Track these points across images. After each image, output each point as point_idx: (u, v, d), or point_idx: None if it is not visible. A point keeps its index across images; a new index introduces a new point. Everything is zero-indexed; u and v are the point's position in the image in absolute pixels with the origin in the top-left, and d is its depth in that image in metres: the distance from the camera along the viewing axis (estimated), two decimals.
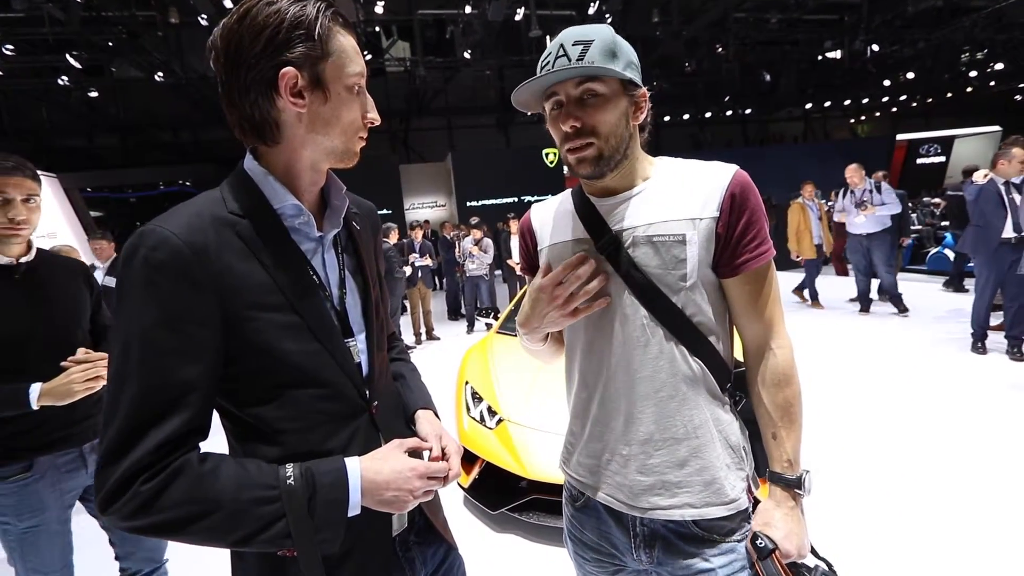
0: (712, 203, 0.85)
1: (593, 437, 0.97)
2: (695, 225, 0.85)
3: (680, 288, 0.86)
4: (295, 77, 0.70)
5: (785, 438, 0.87)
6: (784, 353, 0.89)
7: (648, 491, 0.89)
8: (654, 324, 0.87)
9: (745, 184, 0.86)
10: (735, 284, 0.88)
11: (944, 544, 2.12)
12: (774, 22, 12.07)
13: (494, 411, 2.66)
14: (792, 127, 21.53)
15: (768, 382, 0.89)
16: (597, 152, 0.85)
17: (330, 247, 0.84)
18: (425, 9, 11.20)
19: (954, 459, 2.74)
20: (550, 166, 15.22)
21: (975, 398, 3.51)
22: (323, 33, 0.71)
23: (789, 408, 0.88)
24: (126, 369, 0.64)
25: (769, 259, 0.88)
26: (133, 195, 14.42)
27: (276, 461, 0.72)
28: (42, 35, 9.20)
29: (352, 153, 0.80)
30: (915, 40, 13.29)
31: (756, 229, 0.86)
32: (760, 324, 0.89)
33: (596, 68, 0.81)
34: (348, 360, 0.79)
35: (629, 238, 0.88)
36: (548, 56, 0.86)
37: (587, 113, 0.84)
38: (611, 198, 0.92)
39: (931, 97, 18.74)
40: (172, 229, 0.66)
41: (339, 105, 0.75)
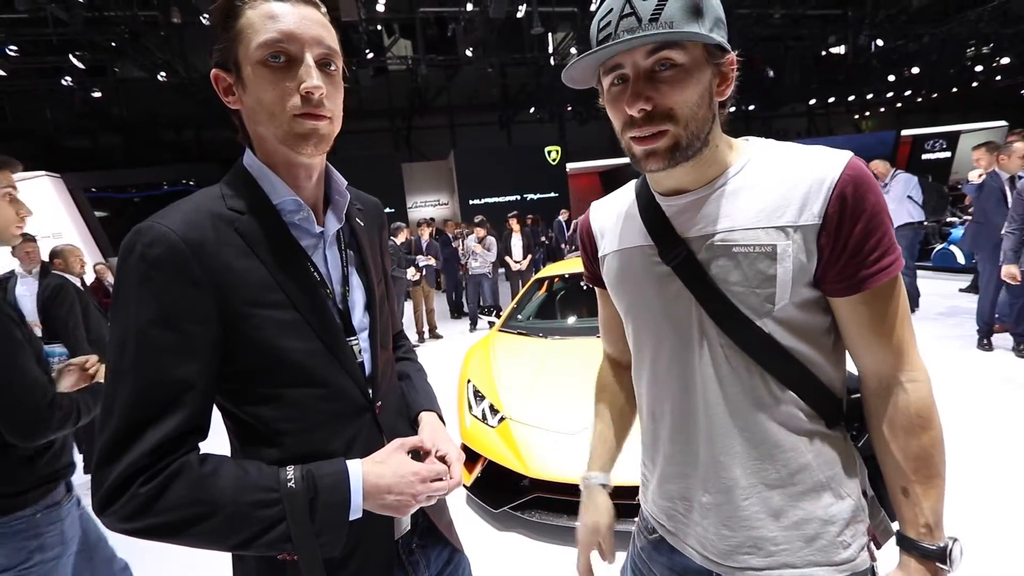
0: (813, 206, 0.66)
1: (667, 478, 0.82)
2: (788, 235, 0.67)
3: (766, 312, 0.69)
4: (223, 78, 0.71)
5: (921, 496, 0.68)
6: (920, 388, 0.69)
7: (737, 549, 0.74)
8: (734, 352, 0.71)
9: (860, 180, 0.65)
10: (850, 304, 0.69)
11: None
12: (777, 17, 11.99)
13: (496, 409, 2.66)
14: (796, 123, 21.41)
15: (898, 425, 0.70)
16: (672, 142, 0.66)
17: (332, 243, 0.82)
18: (426, 7, 11.18)
19: (960, 457, 2.73)
20: (552, 164, 15.20)
21: (981, 395, 3.49)
22: (227, 18, 0.67)
23: (927, 458, 0.68)
24: (122, 367, 0.63)
25: (896, 273, 0.67)
26: (137, 195, 14.44)
27: (277, 462, 0.72)
28: (45, 36, 9.23)
29: (296, 136, 0.69)
30: (920, 35, 13.19)
31: (877, 236, 0.66)
32: (885, 351, 0.70)
33: (677, 33, 0.62)
34: (350, 359, 0.78)
35: (701, 247, 0.71)
36: (609, 13, 0.66)
37: (660, 91, 0.65)
38: (682, 196, 0.74)
39: (936, 92, 18.58)
40: (169, 225, 0.65)
41: (255, 88, 0.68)
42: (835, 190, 0.65)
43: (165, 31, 10.00)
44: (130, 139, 15.21)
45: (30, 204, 1.48)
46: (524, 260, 7.73)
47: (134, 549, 2.25)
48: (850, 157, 0.67)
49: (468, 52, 11.24)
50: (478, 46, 11.30)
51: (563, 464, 2.24)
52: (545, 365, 2.94)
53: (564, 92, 15.03)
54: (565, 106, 16.77)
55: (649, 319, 0.80)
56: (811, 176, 0.67)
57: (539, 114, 17.39)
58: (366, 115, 15.53)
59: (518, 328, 3.70)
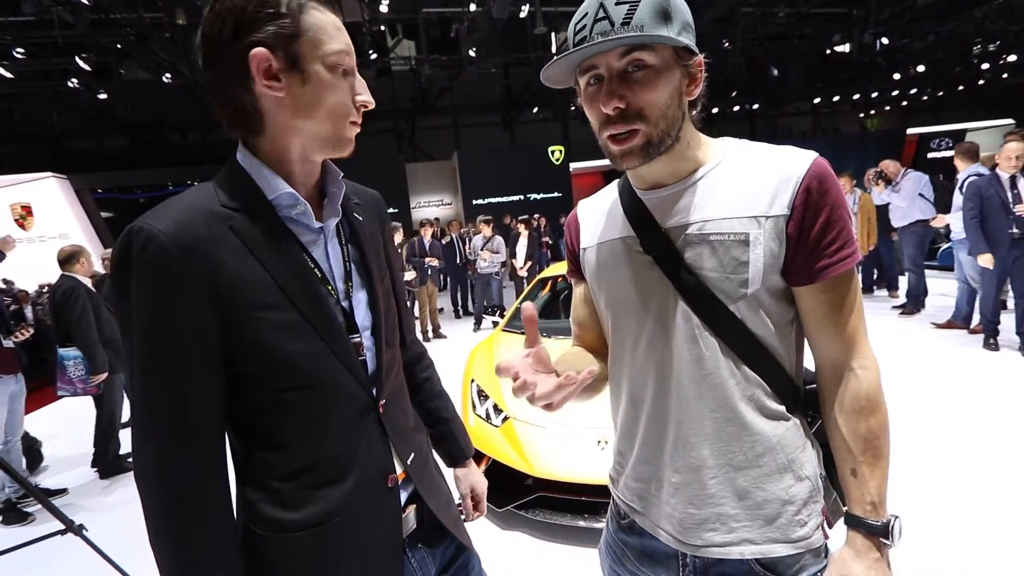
0: (782, 198, 0.71)
1: (641, 460, 0.86)
2: (760, 224, 0.71)
3: (740, 295, 0.73)
4: (267, 59, 0.65)
5: (868, 476, 0.73)
6: (868, 375, 0.74)
7: (701, 525, 0.78)
8: (709, 336, 0.75)
9: (823, 176, 0.71)
10: (810, 293, 0.74)
11: (961, 544, 2.10)
12: (781, 16, 11.94)
13: (500, 409, 2.67)
14: (800, 122, 21.31)
15: (848, 408, 0.74)
16: (644, 140, 0.71)
17: (333, 238, 0.80)
18: (430, 7, 11.19)
19: (968, 458, 2.72)
20: (556, 164, 15.19)
21: (988, 395, 3.47)
22: (294, 9, 0.66)
23: (873, 440, 0.73)
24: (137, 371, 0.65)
25: (852, 265, 0.73)
26: (142, 196, 14.54)
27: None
28: (52, 38, 9.30)
29: (343, 140, 0.74)
30: (925, 33, 13.11)
31: (837, 229, 0.71)
32: (839, 340, 0.75)
33: (646, 36, 0.66)
34: (352, 358, 0.76)
35: (680, 236, 0.76)
36: (584, 17, 0.70)
37: (633, 91, 0.69)
38: (660, 190, 0.79)
39: (942, 90, 18.48)
40: (160, 227, 0.63)
41: (320, 86, 0.69)
42: (802, 183, 0.71)
43: (170, 33, 10.05)
44: (135, 140, 15.31)
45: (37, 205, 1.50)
46: (525, 265, 7.76)
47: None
48: (816, 156, 0.73)
49: (471, 52, 11.24)
50: (481, 46, 11.31)
51: (567, 463, 2.25)
52: None
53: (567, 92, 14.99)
54: (568, 106, 16.74)
55: (630, 307, 0.83)
56: (781, 171, 0.72)
57: (542, 114, 17.39)
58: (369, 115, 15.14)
59: (522, 328, 3.70)
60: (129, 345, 0.66)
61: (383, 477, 0.80)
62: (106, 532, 2.69)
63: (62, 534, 2.07)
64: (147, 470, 0.67)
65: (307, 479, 0.73)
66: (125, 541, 2.65)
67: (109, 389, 3.58)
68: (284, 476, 0.73)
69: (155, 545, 0.67)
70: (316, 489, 0.73)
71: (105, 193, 13.87)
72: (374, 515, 0.75)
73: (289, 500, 0.73)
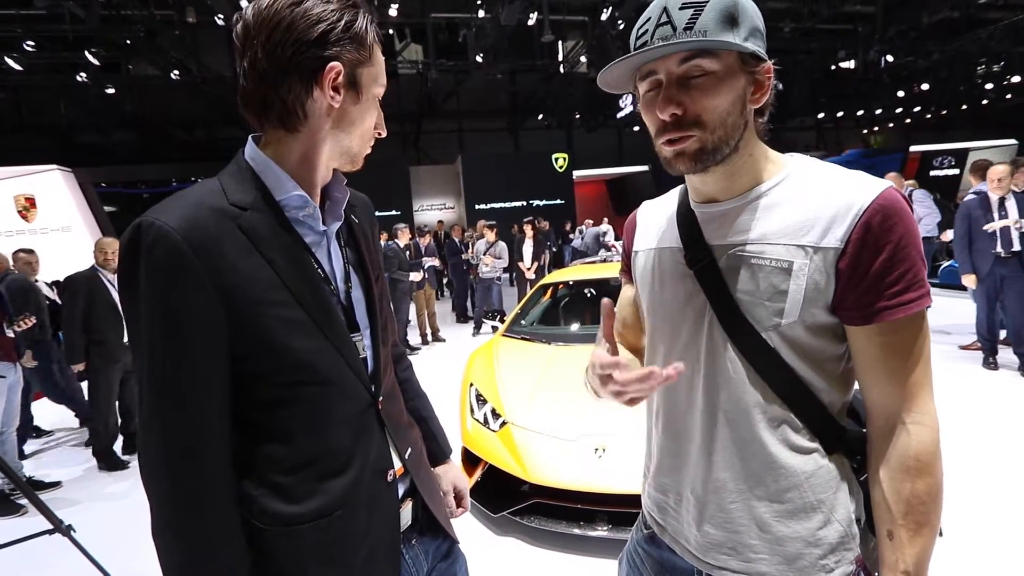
0: (838, 231, 0.66)
1: (662, 470, 0.85)
2: (807, 254, 0.67)
3: (772, 325, 0.70)
4: (339, 73, 0.72)
5: (906, 542, 0.66)
6: (924, 433, 0.67)
7: (718, 547, 0.76)
8: (738, 360, 0.72)
9: (890, 211, 0.65)
10: (863, 335, 0.68)
11: (967, 564, 2.09)
12: (787, 31, 12.03)
13: (498, 413, 2.66)
14: (804, 137, 21.40)
15: (894, 465, 0.68)
16: (699, 145, 0.68)
17: (334, 240, 0.83)
18: (438, 12, 11.27)
19: (964, 475, 2.71)
20: (559, 171, 15.24)
21: (986, 415, 3.46)
22: (371, 44, 0.76)
23: (918, 505, 0.66)
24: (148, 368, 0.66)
25: (919, 309, 0.66)
26: (146, 191, 14.59)
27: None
28: (62, 32, 9.37)
29: (360, 158, 0.83)
30: (930, 51, 13.20)
31: (901, 270, 0.65)
32: (894, 389, 0.68)
33: (710, 42, 0.64)
34: (354, 355, 0.79)
35: (724, 255, 0.73)
36: (647, 22, 0.68)
37: (692, 97, 0.67)
38: (715, 206, 0.77)
39: (945, 109, 18.57)
40: (171, 223, 0.64)
41: (365, 110, 0.78)
42: (862, 218, 0.65)
43: (179, 30, 10.13)
44: (142, 136, 15.36)
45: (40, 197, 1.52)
46: (532, 266, 7.78)
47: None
48: (887, 187, 0.67)
49: (478, 58, 11.32)
50: (488, 52, 11.38)
51: (564, 470, 2.24)
52: (548, 371, 2.94)
53: (572, 99, 15.10)
54: (573, 114, 16.84)
55: (666, 316, 0.82)
56: (841, 200, 0.67)
57: (547, 121, 17.47)
58: None
59: (522, 333, 3.70)
60: (138, 340, 0.66)
61: (383, 471, 0.81)
62: (97, 529, 2.68)
63: (50, 534, 2.06)
64: (153, 465, 0.67)
65: (310, 472, 0.74)
66: (114, 540, 2.65)
67: (95, 386, 3.59)
68: (287, 470, 0.74)
69: (158, 540, 0.67)
70: (319, 482, 0.75)
71: (110, 187, 13.91)
72: (374, 508, 0.76)
73: (292, 493, 0.74)
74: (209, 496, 0.68)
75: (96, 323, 3.50)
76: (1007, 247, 4.08)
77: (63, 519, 2.07)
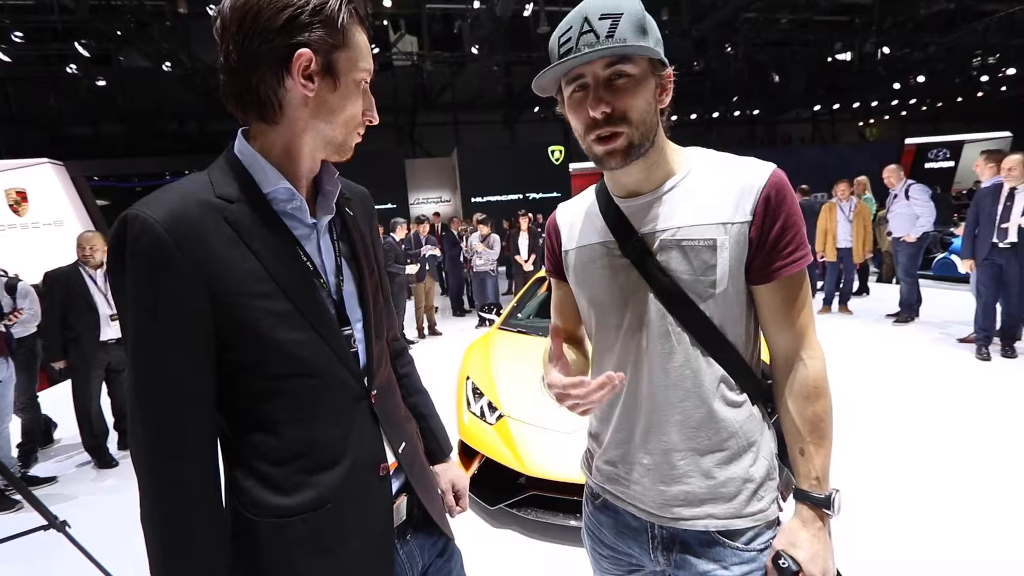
0: (745, 206, 0.80)
1: (613, 444, 0.93)
2: (727, 230, 0.80)
3: (709, 295, 0.81)
4: (309, 60, 0.69)
5: (814, 454, 0.82)
6: (815, 364, 0.83)
7: (671, 501, 0.87)
8: (680, 331, 0.83)
9: (780, 186, 0.80)
10: (767, 291, 0.83)
11: (966, 557, 2.11)
12: (784, 23, 12.00)
13: (494, 407, 2.66)
14: (800, 128, 21.42)
15: (797, 394, 0.83)
16: (627, 142, 0.78)
17: (325, 233, 0.82)
18: (433, 3, 11.17)
19: (968, 469, 2.73)
20: (555, 163, 15.19)
21: (984, 406, 3.49)
22: (343, 24, 0.72)
23: (819, 423, 0.82)
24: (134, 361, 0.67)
25: (803, 265, 0.81)
26: (139, 184, 14.46)
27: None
28: (51, 23, 9.24)
29: (348, 147, 0.79)
30: (926, 43, 13.19)
31: (792, 234, 0.80)
32: (791, 333, 0.84)
33: (631, 47, 0.73)
34: (344, 348, 0.78)
35: (656, 242, 0.83)
36: (569, 31, 0.77)
37: (617, 97, 0.76)
38: (637, 199, 0.86)
39: (941, 101, 18.60)
40: (155, 216, 0.64)
41: (345, 96, 0.74)
42: (762, 192, 0.79)
43: (171, 21, 9.99)
44: (133, 129, 15.22)
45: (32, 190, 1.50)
46: (529, 259, 7.76)
47: None
48: (774, 167, 0.81)
49: (474, 49, 11.23)
50: (484, 44, 11.30)
51: (560, 463, 2.25)
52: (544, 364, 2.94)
53: None
54: None
55: (610, 305, 0.90)
56: (743, 181, 0.81)
57: (543, 113, 17.38)
58: None
59: (518, 326, 3.70)
60: (125, 330, 0.67)
61: (375, 465, 0.81)
62: (92, 524, 2.68)
63: (44, 530, 2.05)
64: (139, 453, 0.68)
65: (299, 464, 0.75)
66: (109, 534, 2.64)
67: (74, 383, 3.55)
68: (276, 461, 0.74)
69: (144, 526, 0.68)
70: (309, 474, 0.75)
71: (102, 181, 13.77)
72: (366, 502, 0.76)
73: (282, 485, 0.74)
74: (189, 483, 0.68)
75: (72, 320, 3.44)
76: (1002, 238, 4.16)
77: (58, 515, 2.06)
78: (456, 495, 1.09)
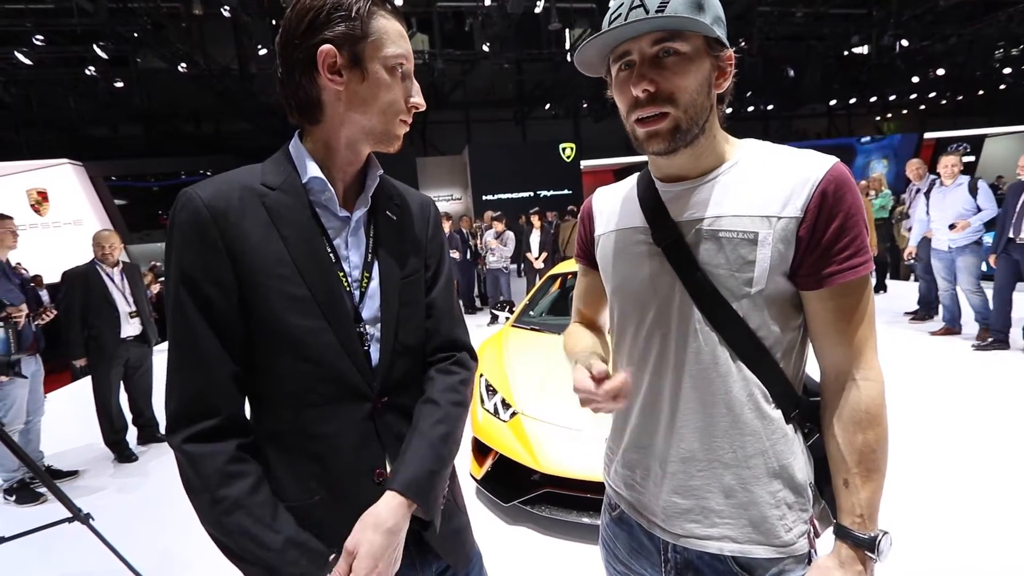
0: (797, 201, 0.71)
1: (632, 446, 0.88)
2: (771, 224, 0.72)
3: (743, 294, 0.73)
4: (333, 55, 0.73)
5: (860, 487, 0.72)
6: (871, 387, 0.73)
7: (684, 515, 0.80)
8: (708, 330, 0.76)
9: (842, 181, 0.71)
10: (817, 298, 0.74)
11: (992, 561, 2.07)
12: (799, 16, 11.80)
13: (508, 404, 2.66)
14: (816, 123, 21.08)
15: (846, 419, 0.74)
16: (673, 124, 0.71)
17: (359, 229, 0.83)
18: (444, 1, 11.17)
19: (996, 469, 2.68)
20: (567, 161, 15.14)
21: (1000, 399, 3.42)
22: (363, 13, 0.74)
23: (869, 453, 0.72)
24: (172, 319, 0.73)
25: (865, 273, 0.72)
26: (155, 184, 14.69)
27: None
28: (71, 26, 9.39)
29: (392, 136, 0.81)
30: (947, 35, 12.90)
31: (850, 236, 0.71)
32: (845, 349, 0.74)
33: (682, 20, 0.67)
34: (353, 344, 0.78)
35: (691, 231, 0.76)
36: (620, 6, 0.72)
37: (664, 76, 0.70)
38: (679, 184, 0.80)
39: (961, 94, 18.19)
40: (200, 193, 0.72)
41: (377, 85, 0.76)
42: (818, 187, 0.71)
43: (186, 23, 10.12)
44: (150, 129, 15.43)
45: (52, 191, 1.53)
46: (540, 256, 7.76)
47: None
48: (835, 161, 0.73)
49: (485, 47, 11.22)
50: (495, 41, 11.27)
51: (574, 460, 2.24)
52: (557, 361, 2.93)
53: (580, 89, 14.94)
54: (580, 103, 16.68)
55: (635, 295, 0.84)
56: (798, 174, 0.72)
57: (554, 110, 17.32)
58: None
59: (531, 324, 3.70)
60: (167, 294, 0.74)
61: (370, 470, 0.80)
62: (113, 518, 2.73)
63: (69, 522, 2.09)
64: (170, 416, 0.72)
65: (293, 449, 0.77)
66: (130, 528, 2.69)
67: (94, 381, 3.60)
68: (273, 442, 0.78)
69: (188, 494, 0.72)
70: (301, 461, 0.77)
71: (119, 180, 14.02)
72: (359, 505, 0.75)
73: (275, 466, 0.77)
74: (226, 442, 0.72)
75: (92, 318, 3.49)
76: (1016, 232, 4.21)
77: (82, 507, 2.11)
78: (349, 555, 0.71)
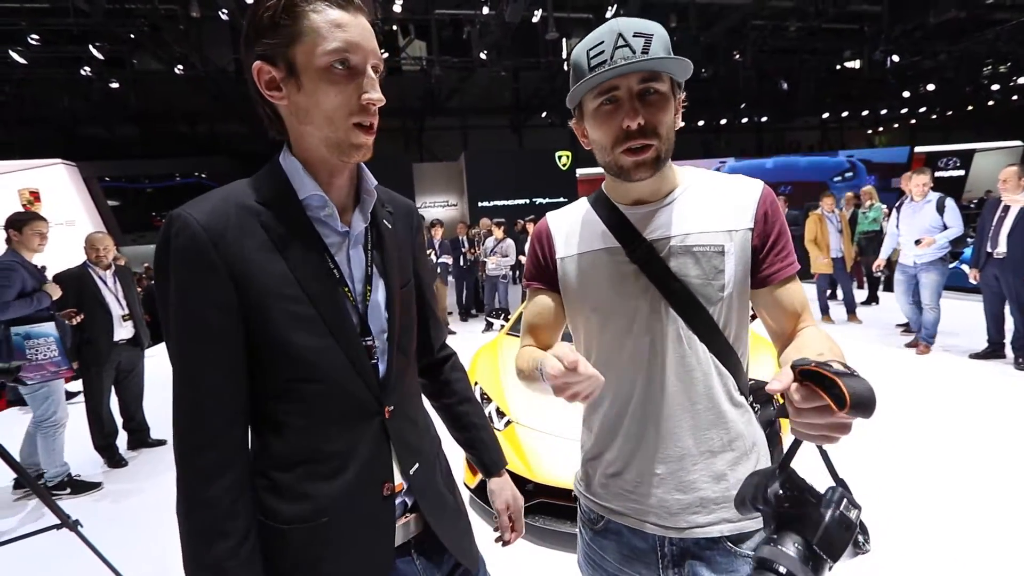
0: (747, 215, 0.86)
1: (621, 456, 0.92)
2: (731, 236, 0.85)
3: (718, 299, 0.85)
4: (268, 71, 0.69)
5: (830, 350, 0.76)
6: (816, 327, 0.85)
7: (686, 509, 0.87)
8: (691, 335, 0.85)
9: (773, 198, 0.89)
10: (767, 293, 0.88)
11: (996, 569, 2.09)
12: (793, 30, 11.98)
13: (503, 412, 2.66)
14: (808, 136, 21.34)
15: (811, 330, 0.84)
16: (656, 154, 0.81)
17: (358, 243, 0.81)
18: (442, 8, 11.24)
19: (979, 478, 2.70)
20: (562, 169, 15.21)
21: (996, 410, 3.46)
22: (286, 18, 0.66)
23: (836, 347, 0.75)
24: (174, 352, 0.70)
25: (797, 269, 0.89)
26: (149, 185, 14.60)
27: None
28: (67, 26, 9.37)
29: (348, 144, 0.72)
30: (936, 51, 13.14)
31: (785, 240, 0.88)
32: (796, 318, 0.88)
33: (671, 61, 0.76)
34: (362, 359, 0.77)
35: (665, 247, 0.86)
36: (603, 47, 0.78)
37: (649, 111, 0.79)
38: (642, 207, 0.89)
39: (951, 110, 18.50)
40: (195, 215, 0.68)
41: (314, 92, 0.69)
42: (759, 203, 0.86)
43: (183, 24, 10.11)
44: (145, 130, 15.36)
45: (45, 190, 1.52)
46: None
47: None
48: (763, 184, 0.90)
49: (482, 55, 11.29)
50: (492, 49, 11.35)
51: (568, 470, 2.23)
52: None
53: None
54: None
55: (617, 311, 0.89)
56: (742, 193, 0.88)
57: (551, 118, 17.44)
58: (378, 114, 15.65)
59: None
60: (167, 322, 0.70)
61: (379, 484, 0.79)
62: (102, 524, 2.69)
63: (57, 528, 2.06)
64: (176, 441, 0.70)
65: (302, 472, 0.74)
66: (119, 534, 2.65)
67: (87, 384, 3.56)
68: (281, 465, 0.75)
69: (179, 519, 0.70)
70: (310, 483, 0.74)
71: (113, 181, 13.92)
72: (366, 521, 0.74)
73: (283, 490, 0.74)
74: (224, 477, 0.69)
75: (86, 322, 3.41)
76: (994, 246, 4.31)
77: (70, 514, 2.08)
78: (511, 517, 1.03)
